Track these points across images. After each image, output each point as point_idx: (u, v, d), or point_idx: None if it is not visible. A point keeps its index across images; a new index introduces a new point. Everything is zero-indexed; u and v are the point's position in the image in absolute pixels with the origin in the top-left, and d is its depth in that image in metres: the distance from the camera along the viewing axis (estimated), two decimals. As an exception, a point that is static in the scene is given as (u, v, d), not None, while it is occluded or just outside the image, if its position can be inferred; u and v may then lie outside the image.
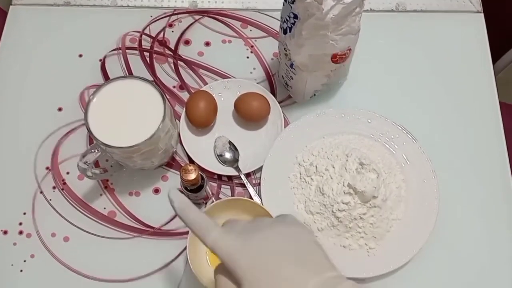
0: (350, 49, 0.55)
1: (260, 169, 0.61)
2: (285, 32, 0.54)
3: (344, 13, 0.48)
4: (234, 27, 0.71)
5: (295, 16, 0.51)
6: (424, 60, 0.69)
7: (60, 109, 0.66)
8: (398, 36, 0.70)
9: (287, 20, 0.53)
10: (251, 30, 0.71)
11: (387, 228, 0.57)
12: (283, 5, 0.54)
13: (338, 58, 0.55)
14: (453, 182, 0.62)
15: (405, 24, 0.71)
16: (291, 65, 0.58)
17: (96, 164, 0.58)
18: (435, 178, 0.59)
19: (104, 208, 0.61)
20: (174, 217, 0.60)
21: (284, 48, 0.57)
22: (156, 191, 0.62)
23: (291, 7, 0.51)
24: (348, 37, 0.52)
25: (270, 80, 0.68)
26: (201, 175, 0.53)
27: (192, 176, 0.51)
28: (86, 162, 0.52)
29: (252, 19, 0.71)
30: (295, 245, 0.37)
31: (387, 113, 0.63)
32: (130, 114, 0.52)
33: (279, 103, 0.64)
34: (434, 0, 0.72)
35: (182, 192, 0.55)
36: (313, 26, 0.49)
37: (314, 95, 0.65)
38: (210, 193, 0.60)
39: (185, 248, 0.58)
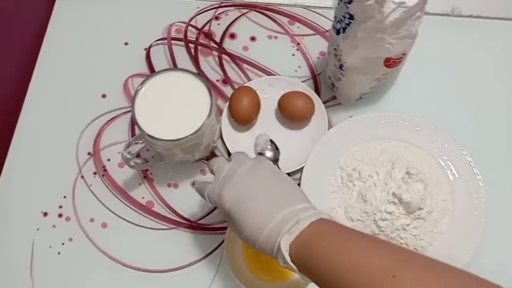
0: (404, 54, 0.53)
1: (300, 170, 0.60)
2: (338, 32, 0.53)
3: (404, 16, 0.47)
4: (281, 23, 0.70)
5: (351, 17, 0.49)
6: (479, 68, 0.66)
7: (104, 96, 0.66)
8: (452, 42, 0.67)
9: (341, 20, 0.51)
10: (298, 27, 0.69)
11: (430, 241, 0.55)
12: (338, 4, 0.52)
13: (392, 63, 0.53)
14: (503, 199, 0.59)
15: (460, 29, 0.68)
16: (341, 66, 0.57)
17: (138, 154, 0.58)
18: (484, 193, 0.57)
19: (143, 198, 0.61)
20: (211, 212, 0.60)
21: (335, 49, 0.56)
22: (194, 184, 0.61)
23: (347, 7, 0.49)
24: (405, 41, 0.50)
25: (315, 80, 0.66)
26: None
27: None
28: (130, 152, 0.52)
29: (300, 16, 0.70)
30: (270, 185, 0.43)
31: (435, 121, 0.60)
32: (177, 107, 0.52)
33: (323, 103, 0.63)
34: (492, 6, 0.69)
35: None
36: (371, 28, 0.47)
37: (361, 97, 0.63)
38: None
39: (221, 244, 0.58)
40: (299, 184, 0.59)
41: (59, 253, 0.59)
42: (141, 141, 0.53)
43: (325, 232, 0.38)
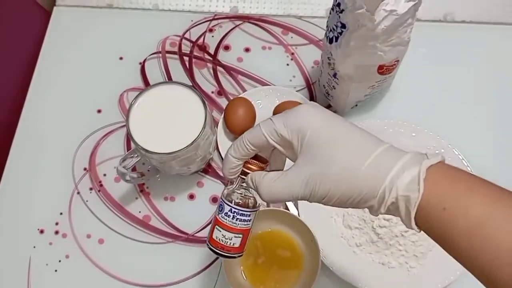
0: (397, 61, 0.54)
1: (297, 179, 0.60)
2: (331, 41, 0.53)
3: (396, 24, 0.47)
4: (275, 34, 0.70)
5: (343, 26, 0.49)
6: (473, 74, 0.66)
7: (99, 111, 0.66)
8: (446, 47, 0.68)
9: (333, 29, 0.52)
10: (292, 37, 0.70)
11: (429, 247, 0.55)
12: (330, 13, 0.52)
13: (385, 70, 0.53)
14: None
15: (453, 36, 0.68)
16: (335, 75, 0.57)
17: (133, 168, 0.58)
18: (481, 198, 0.56)
19: (139, 212, 0.61)
20: (208, 224, 0.60)
21: (328, 58, 0.56)
22: (191, 197, 0.61)
23: (339, 16, 0.49)
24: (397, 48, 0.51)
25: (310, 89, 0.66)
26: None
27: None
28: (125, 166, 0.52)
29: (293, 26, 0.70)
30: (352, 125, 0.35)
31: (431, 127, 0.60)
32: (171, 120, 0.52)
33: (318, 112, 0.63)
34: (485, 11, 0.69)
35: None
36: (363, 37, 0.47)
37: (356, 105, 0.63)
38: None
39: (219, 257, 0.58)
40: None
41: (56, 270, 0.58)
42: (136, 155, 0.52)
43: (445, 184, 0.31)
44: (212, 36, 0.70)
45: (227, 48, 0.69)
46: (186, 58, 0.69)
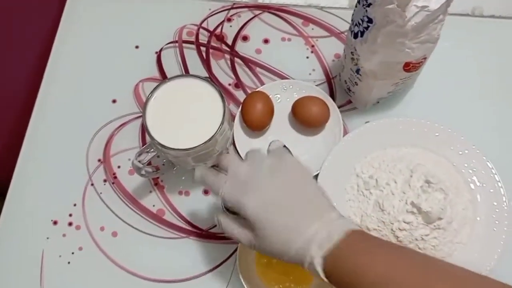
0: (425, 58, 0.51)
1: (315, 177, 0.58)
2: (355, 36, 0.51)
3: (426, 20, 0.44)
4: (295, 25, 0.68)
5: (370, 21, 0.47)
6: (501, 70, 0.63)
7: (114, 101, 0.65)
8: (473, 43, 0.65)
9: (359, 23, 0.49)
10: (312, 29, 0.67)
11: (449, 252, 0.53)
12: (356, 6, 0.50)
13: (411, 67, 0.51)
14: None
15: (481, 30, 0.66)
16: (358, 71, 0.55)
17: (149, 162, 0.57)
18: (506, 201, 0.55)
19: (153, 206, 0.60)
20: (223, 220, 0.59)
21: (352, 53, 0.54)
22: (206, 192, 0.60)
23: (366, 10, 0.47)
24: (426, 45, 0.48)
25: (330, 83, 0.64)
26: None
27: None
28: (141, 161, 0.51)
29: (314, 17, 0.68)
30: (294, 193, 0.42)
31: (455, 126, 0.58)
32: (189, 114, 0.50)
33: (338, 108, 0.61)
34: (515, 6, 0.66)
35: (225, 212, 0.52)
36: (391, 33, 0.45)
37: (377, 102, 0.61)
38: None
39: (233, 254, 0.57)
40: (314, 192, 0.58)
41: (69, 262, 0.58)
42: (152, 150, 0.51)
43: (356, 245, 0.38)
44: (230, 26, 0.68)
45: (245, 38, 0.68)
46: (203, 49, 0.67)
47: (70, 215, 0.60)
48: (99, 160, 0.62)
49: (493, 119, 0.62)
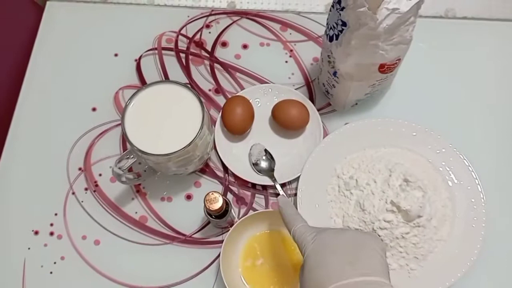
0: (399, 59, 0.52)
1: (296, 179, 0.59)
2: (331, 39, 0.52)
3: (398, 22, 0.45)
4: (273, 30, 0.69)
5: (344, 24, 0.48)
6: (475, 70, 0.65)
7: (94, 109, 0.65)
8: (447, 44, 0.66)
9: (334, 27, 0.50)
10: (290, 34, 0.68)
11: (430, 248, 0.54)
12: (330, 10, 0.51)
13: (386, 68, 0.52)
14: (503, 202, 0.58)
15: (454, 32, 0.67)
16: (335, 73, 0.56)
17: (130, 168, 0.57)
18: (483, 198, 0.56)
19: (136, 213, 0.59)
20: (205, 225, 0.59)
21: (328, 56, 0.55)
22: (189, 197, 0.60)
23: (340, 14, 0.48)
24: (399, 47, 0.49)
25: (309, 86, 0.65)
26: (225, 200, 0.51)
27: (217, 205, 0.49)
28: (121, 167, 0.51)
29: (292, 22, 0.69)
30: (354, 248, 0.43)
31: (432, 126, 0.59)
32: (168, 120, 0.51)
33: (317, 110, 0.62)
34: (487, 8, 0.68)
35: (207, 217, 0.53)
36: (364, 35, 0.46)
37: (356, 104, 0.62)
38: (235, 216, 0.58)
39: (217, 258, 0.57)
40: (295, 194, 0.58)
41: (51, 272, 0.57)
42: (132, 156, 0.51)
43: None
44: (209, 32, 0.69)
45: (224, 44, 0.68)
46: (182, 55, 0.68)
47: (51, 224, 0.59)
48: (80, 169, 0.62)
49: (469, 118, 0.63)
